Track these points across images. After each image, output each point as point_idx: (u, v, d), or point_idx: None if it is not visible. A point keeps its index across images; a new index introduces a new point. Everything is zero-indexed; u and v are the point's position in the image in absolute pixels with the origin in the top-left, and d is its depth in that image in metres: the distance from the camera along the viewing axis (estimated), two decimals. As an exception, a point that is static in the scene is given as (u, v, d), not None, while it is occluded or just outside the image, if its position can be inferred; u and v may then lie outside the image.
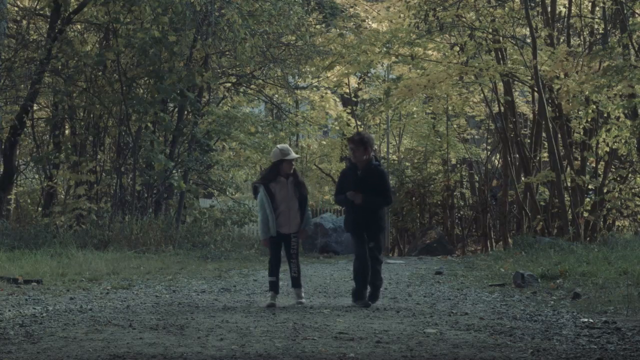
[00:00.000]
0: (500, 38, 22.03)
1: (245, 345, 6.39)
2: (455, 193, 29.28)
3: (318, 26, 25.91)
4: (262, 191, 8.83)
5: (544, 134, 22.05)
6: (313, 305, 8.98)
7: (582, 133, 21.66)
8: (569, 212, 20.02)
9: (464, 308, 8.73)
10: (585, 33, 23.16)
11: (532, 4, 22.42)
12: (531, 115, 24.81)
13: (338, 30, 26.47)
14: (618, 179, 21.87)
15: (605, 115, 20.16)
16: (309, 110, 28.55)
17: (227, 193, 23.74)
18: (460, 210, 29.97)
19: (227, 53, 21.73)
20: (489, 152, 29.66)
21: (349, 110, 28.25)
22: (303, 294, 9.11)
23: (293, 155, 8.93)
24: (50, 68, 18.81)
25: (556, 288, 10.33)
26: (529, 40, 21.68)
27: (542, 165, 24.07)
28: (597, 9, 22.48)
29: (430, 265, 16.36)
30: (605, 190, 21.12)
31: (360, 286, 8.85)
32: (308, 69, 24.60)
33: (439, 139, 29.16)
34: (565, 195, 20.16)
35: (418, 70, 24.41)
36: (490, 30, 21.66)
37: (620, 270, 11.18)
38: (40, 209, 20.79)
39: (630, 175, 22.31)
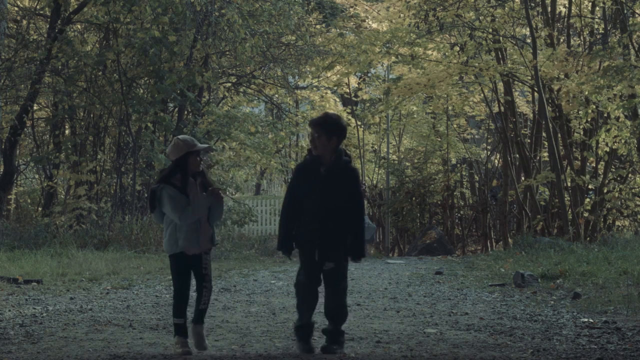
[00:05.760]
0: (500, 38, 22.03)
1: (245, 345, 6.40)
2: (455, 193, 29.25)
3: (318, 26, 25.90)
4: (171, 191, 6.28)
5: (544, 134, 22.05)
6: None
7: (582, 133, 21.65)
8: (569, 212, 20.02)
9: (464, 308, 8.73)
10: (585, 33, 23.15)
11: (532, 4, 22.40)
12: (531, 115, 24.80)
13: (338, 30, 26.46)
14: (618, 179, 21.86)
15: (605, 115, 20.15)
16: (309, 110, 28.54)
17: (227, 193, 23.72)
18: (460, 210, 29.94)
19: (227, 53, 21.73)
20: (489, 152, 29.65)
21: (349, 110, 28.24)
22: (205, 338, 6.41)
23: (200, 145, 6.42)
24: (50, 68, 18.81)
25: (556, 288, 10.33)
26: (529, 40, 21.68)
27: (542, 165, 24.06)
28: (597, 9, 22.46)
29: (430, 265, 16.35)
30: (605, 190, 21.11)
31: (304, 320, 6.22)
32: (308, 69, 24.60)
33: (439, 139, 29.14)
34: (565, 195, 20.16)
35: (418, 70, 24.38)
36: (490, 30, 21.66)
37: (620, 270, 11.19)
38: (40, 209, 20.78)
39: (630, 175, 22.29)
